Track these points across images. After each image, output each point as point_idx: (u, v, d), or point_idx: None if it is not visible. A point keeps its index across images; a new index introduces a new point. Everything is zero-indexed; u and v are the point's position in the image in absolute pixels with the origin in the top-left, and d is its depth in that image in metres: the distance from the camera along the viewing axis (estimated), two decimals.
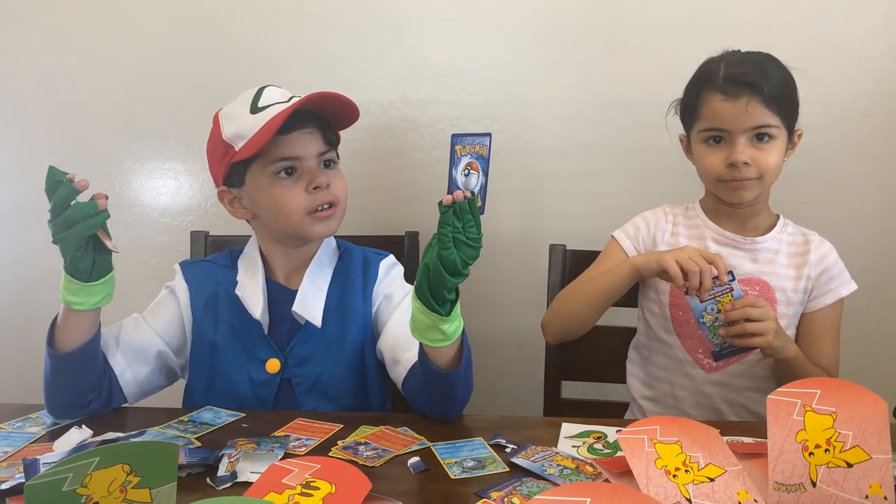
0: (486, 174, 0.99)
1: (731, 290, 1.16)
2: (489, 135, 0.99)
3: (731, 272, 1.17)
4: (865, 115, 1.66)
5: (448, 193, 0.98)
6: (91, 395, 1.14)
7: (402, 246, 1.58)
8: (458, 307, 1.05)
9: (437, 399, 1.12)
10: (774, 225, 1.35)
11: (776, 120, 1.23)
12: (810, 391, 0.88)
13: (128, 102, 1.83)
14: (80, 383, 1.13)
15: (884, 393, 0.87)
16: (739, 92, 1.21)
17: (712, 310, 1.17)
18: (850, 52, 1.64)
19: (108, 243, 1.05)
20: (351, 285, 1.28)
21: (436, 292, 1.00)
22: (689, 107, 1.31)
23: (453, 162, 0.98)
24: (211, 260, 1.35)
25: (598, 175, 1.74)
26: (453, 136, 0.98)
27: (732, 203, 1.30)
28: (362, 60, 1.76)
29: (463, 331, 1.08)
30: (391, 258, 1.35)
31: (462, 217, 0.98)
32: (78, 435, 1.03)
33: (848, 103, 1.66)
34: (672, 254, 1.18)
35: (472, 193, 0.98)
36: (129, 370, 1.20)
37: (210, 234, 1.62)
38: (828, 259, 1.33)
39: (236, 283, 1.26)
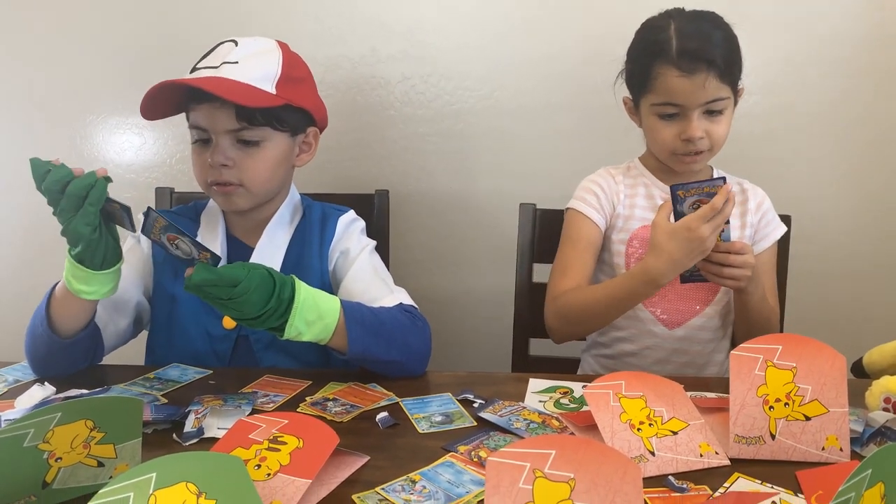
0: None
1: (722, 230, 1.14)
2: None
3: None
4: (836, 76, 1.67)
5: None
6: (82, 363, 1.14)
7: (371, 205, 1.56)
8: (298, 314, 0.99)
9: (382, 368, 1.12)
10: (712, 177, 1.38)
11: (728, 91, 1.24)
12: (772, 347, 0.89)
13: (88, 55, 1.77)
14: (76, 359, 1.13)
15: (843, 350, 0.89)
16: (696, 68, 1.20)
17: None
18: (816, 10, 1.64)
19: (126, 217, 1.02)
20: (308, 242, 1.27)
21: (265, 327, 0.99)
22: (640, 77, 1.28)
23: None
24: (176, 211, 1.33)
25: (568, 135, 1.73)
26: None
27: (680, 173, 1.34)
28: (331, 15, 1.72)
29: (343, 310, 1.05)
30: (350, 214, 1.32)
31: (213, 290, 0.92)
32: (40, 392, 1.01)
33: (818, 64, 1.67)
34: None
35: (199, 259, 0.95)
36: (111, 324, 1.19)
37: (175, 190, 1.59)
38: (764, 205, 1.39)
39: (196, 236, 1.24)
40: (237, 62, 1.15)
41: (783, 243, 1.47)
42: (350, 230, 1.30)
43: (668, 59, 1.22)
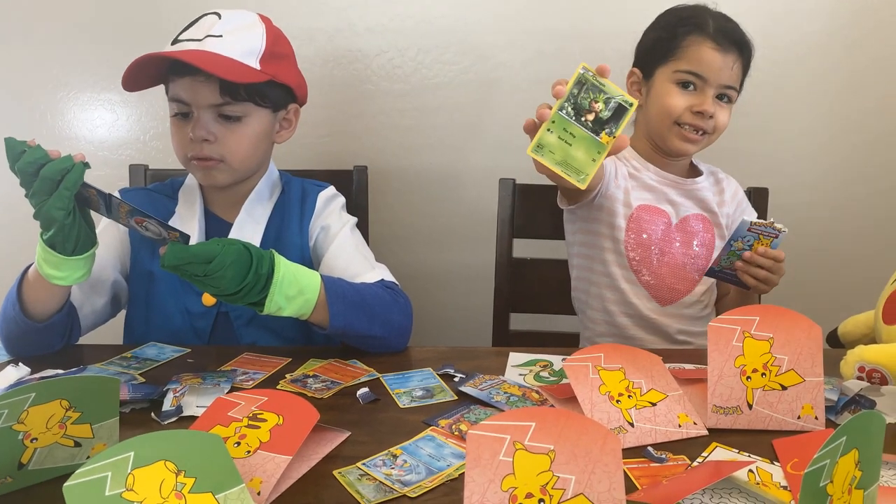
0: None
1: (776, 237, 1.18)
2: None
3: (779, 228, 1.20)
4: (812, 48, 1.68)
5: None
6: (58, 344, 1.13)
7: (350, 180, 1.55)
8: (278, 289, 0.99)
9: (363, 343, 1.12)
10: (690, 166, 1.42)
11: (739, 85, 1.31)
12: (749, 318, 0.90)
13: (59, 28, 1.72)
14: (51, 341, 1.12)
15: (818, 320, 0.91)
16: (730, 48, 1.26)
17: (746, 241, 1.19)
18: None
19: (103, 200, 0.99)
20: (288, 218, 1.26)
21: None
22: (668, 44, 1.29)
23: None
24: (152, 188, 1.31)
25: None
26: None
27: (673, 150, 1.32)
28: None
29: (324, 285, 1.05)
30: (330, 189, 1.32)
31: (189, 267, 0.92)
32: (15, 373, 1.00)
33: (794, 36, 1.67)
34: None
35: (170, 238, 0.94)
36: (87, 304, 1.17)
37: (150, 167, 1.56)
38: (739, 194, 1.43)
39: (174, 213, 1.23)
40: (221, 36, 1.13)
41: (760, 215, 1.49)
42: (331, 206, 1.29)
43: (705, 33, 1.27)
